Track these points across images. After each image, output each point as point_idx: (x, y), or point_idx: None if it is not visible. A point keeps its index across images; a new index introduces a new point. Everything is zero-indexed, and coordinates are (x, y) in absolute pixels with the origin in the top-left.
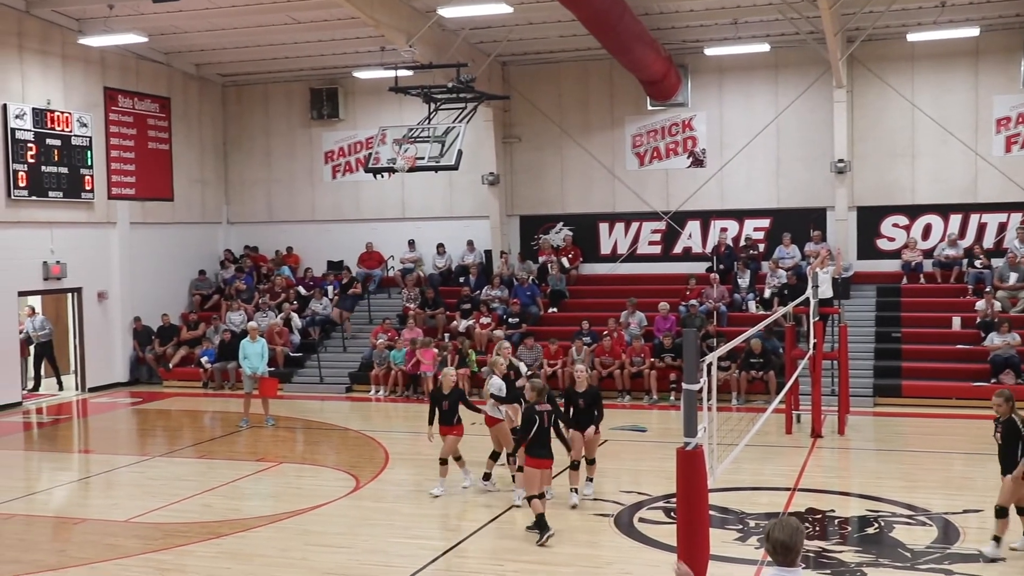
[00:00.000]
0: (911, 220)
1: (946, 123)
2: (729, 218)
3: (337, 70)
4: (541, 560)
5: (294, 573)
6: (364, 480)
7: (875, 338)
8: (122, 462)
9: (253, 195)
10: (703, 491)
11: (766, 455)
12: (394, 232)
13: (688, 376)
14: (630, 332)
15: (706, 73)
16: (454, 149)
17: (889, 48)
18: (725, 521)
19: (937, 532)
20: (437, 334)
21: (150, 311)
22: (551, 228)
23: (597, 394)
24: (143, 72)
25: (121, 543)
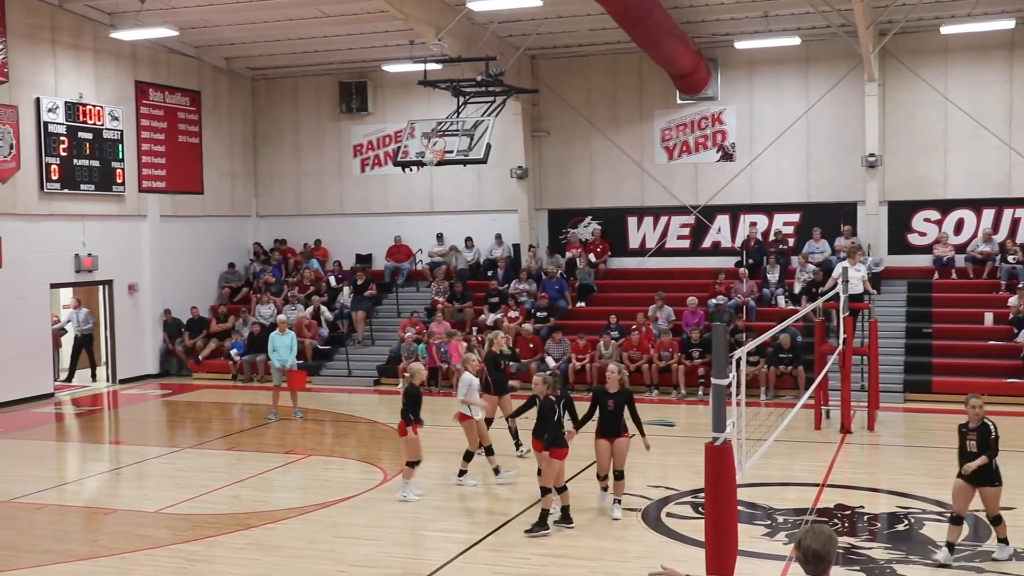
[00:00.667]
0: (943, 215)
1: (980, 117)
2: (758, 212)
3: (366, 64)
4: (568, 554)
5: (322, 565)
6: (392, 473)
7: (906, 334)
8: (152, 453)
9: (282, 188)
10: (731, 486)
11: (795, 451)
12: (422, 226)
13: (717, 371)
14: (658, 327)
15: (736, 67)
16: (483, 143)
17: (922, 41)
18: (753, 517)
19: (968, 529)
20: (465, 327)
21: (180, 304)
22: (579, 222)
23: (630, 396)
24: (174, 66)
25: (151, 533)
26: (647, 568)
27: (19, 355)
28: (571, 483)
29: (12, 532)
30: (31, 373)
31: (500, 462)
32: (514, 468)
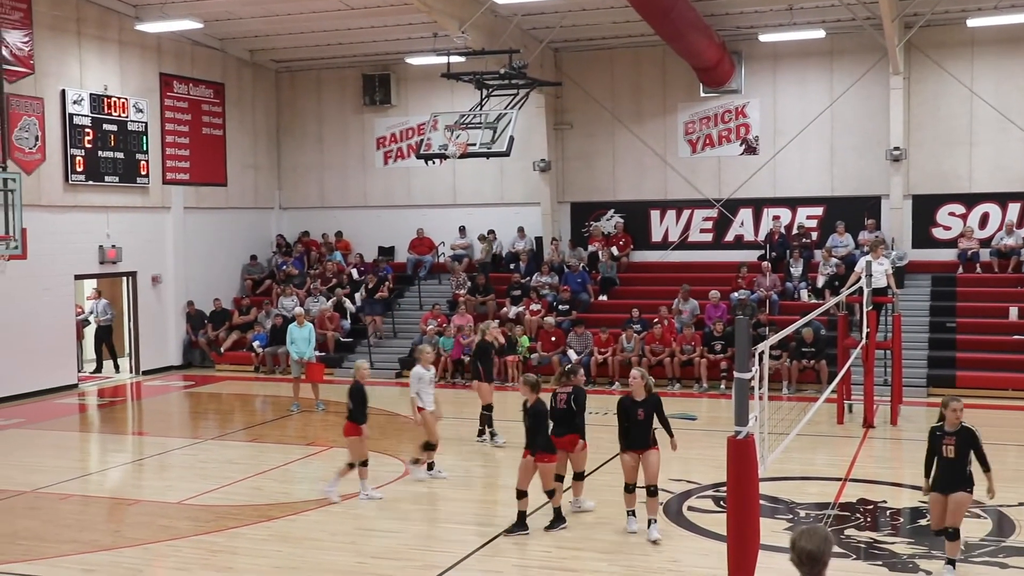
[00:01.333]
0: (968, 209)
1: (1006, 110)
2: (782, 206)
3: (389, 56)
4: (589, 547)
5: (343, 556)
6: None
7: (929, 328)
8: (175, 444)
9: (305, 181)
10: (753, 480)
11: (817, 444)
12: (445, 218)
13: (740, 364)
14: (682, 320)
15: (760, 59)
16: (506, 135)
17: (948, 34)
18: (775, 511)
19: (992, 525)
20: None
21: (203, 295)
22: (602, 215)
23: (658, 402)
24: (198, 58)
25: (174, 524)
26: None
27: (43, 346)
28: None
29: (37, 522)
30: (55, 364)
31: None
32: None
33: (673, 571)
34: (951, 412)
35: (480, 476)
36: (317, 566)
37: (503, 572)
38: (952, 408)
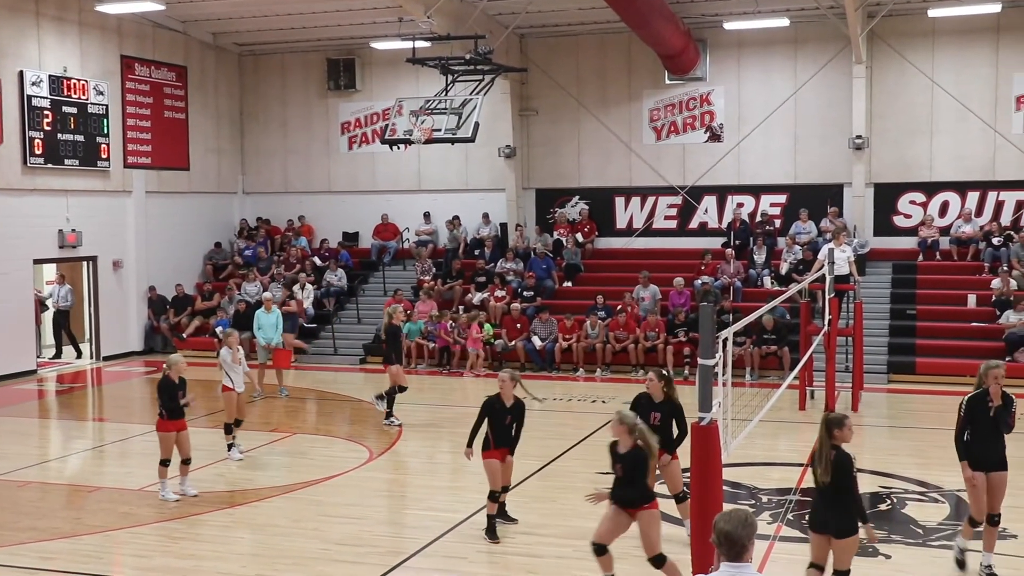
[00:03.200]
0: (928, 197)
1: (965, 100)
2: (746, 193)
3: (354, 40)
4: (554, 533)
5: (306, 543)
6: (377, 451)
7: (890, 315)
8: (136, 431)
9: (269, 165)
10: (717, 466)
11: (779, 431)
12: (409, 204)
13: (704, 351)
14: (644, 307)
15: (725, 47)
16: (471, 121)
17: (910, 24)
18: (737, 496)
19: (949, 509)
20: (452, 306)
21: (165, 281)
22: (567, 202)
23: (677, 408)
24: (160, 40)
25: (135, 511)
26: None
27: (1, 331)
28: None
29: None
30: (13, 349)
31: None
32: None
33: (637, 556)
34: (993, 380)
35: (445, 463)
36: (280, 553)
37: (468, 558)
38: (994, 375)
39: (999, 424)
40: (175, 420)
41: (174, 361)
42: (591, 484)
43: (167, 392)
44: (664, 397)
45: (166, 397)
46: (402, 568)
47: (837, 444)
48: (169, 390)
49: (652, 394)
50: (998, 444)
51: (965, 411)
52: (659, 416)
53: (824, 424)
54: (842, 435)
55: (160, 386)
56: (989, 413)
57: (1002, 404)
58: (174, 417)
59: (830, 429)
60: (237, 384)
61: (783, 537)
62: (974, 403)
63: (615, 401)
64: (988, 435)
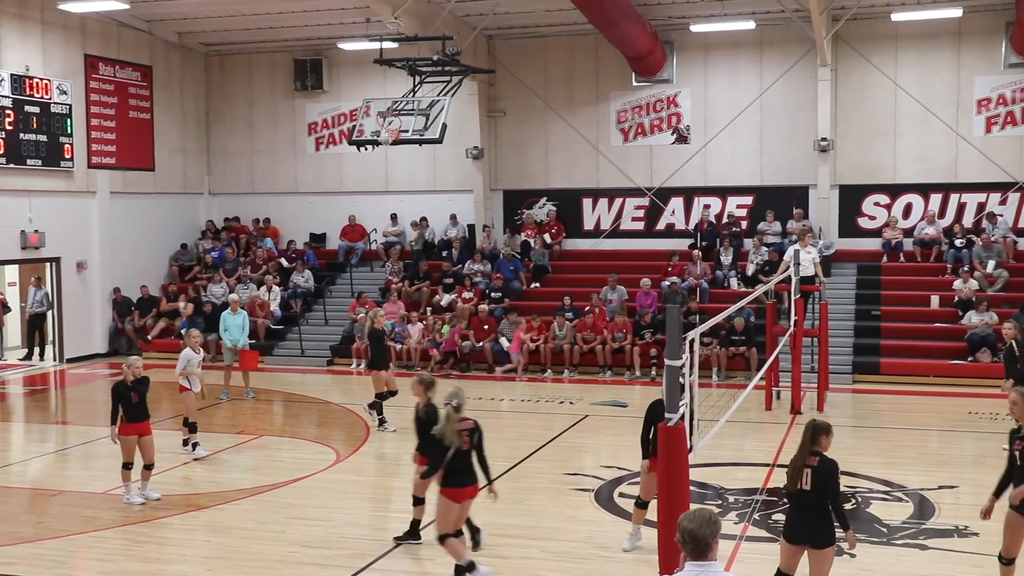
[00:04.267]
0: (892, 199)
1: (928, 103)
2: (712, 195)
3: (322, 41)
4: (520, 534)
5: (273, 546)
6: (344, 453)
7: (855, 316)
8: (100, 434)
9: (235, 166)
10: (684, 467)
11: (746, 431)
12: (377, 205)
13: (671, 352)
14: (612, 308)
15: (692, 49)
16: (438, 122)
17: (873, 27)
18: (704, 497)
19: (913, 508)
20: (420, 307)
21: (130, 282)
22: (534, 203)
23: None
24: (124, 40)
25: (98, 515)
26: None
27: None
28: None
29: None
30: None
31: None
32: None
33: (605, 557)
34: (1015, 403)
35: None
36: (247, 556)
37: (434, 559)
38: (1014, 399)
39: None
40: (136, 423)
41: (129, 363)
42: (559, 485)
43: (119, 395)
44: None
45: (118, 401)
46: (369, 570)
47: (820, 451)
48: (120, 394)
49: None
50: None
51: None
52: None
53: (810, 431)
54: (828, 442)
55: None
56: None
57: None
58: (135, 420)
59: (816, 436)
60: (194, 384)
61: (749, 537)
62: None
63: (582, 402)
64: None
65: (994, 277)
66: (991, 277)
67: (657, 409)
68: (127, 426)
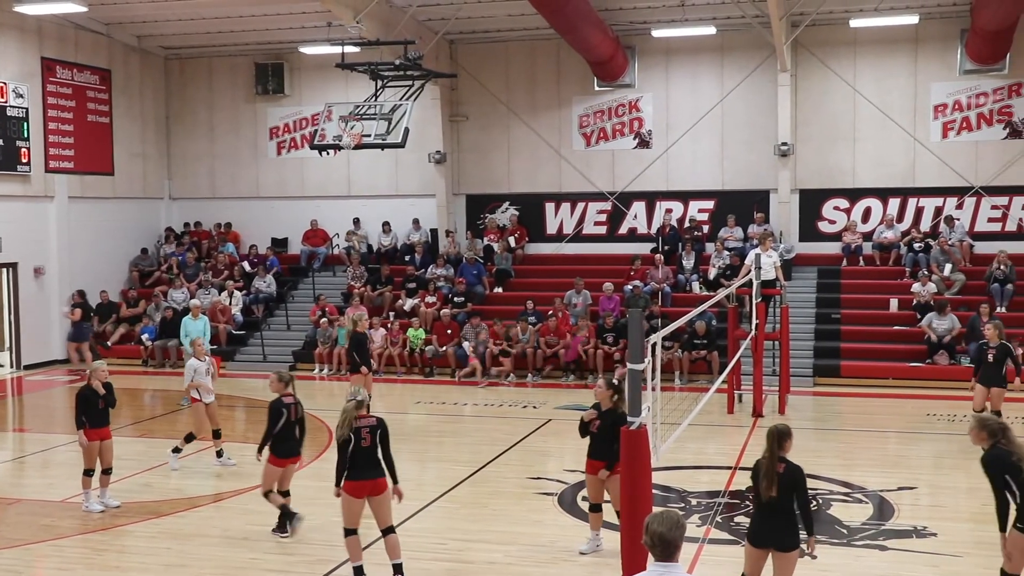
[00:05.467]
0: (852, 203)
1: (886, 108)
2: (674, 199)
3: (283, 45)
4: (484, 539)
5: (235, 552)
6: (307, 459)
7: (815, 319)
8: (58, 441)
9: (196, 170)
10: (646, 470)
11: (708, 434)
12: (339, 210)
13: (633, 356)
14: (575, 312)
15: (653, 54)
16: (401, 127)
17: (832, 33)
18: (667, 499)
19: (872, 509)
20: (383, 312)
21: (89, 288)
22: (497, 207)
23: (621, 419)
24: (82, 43)
25: (57, 524)
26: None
27: None
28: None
29: None
30: None
31: None
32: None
33: (568, 560)
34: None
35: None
36: (209, 563)
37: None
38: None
39: None
40: (99, 428)
41: (94, 368)
42: (522, 489)
43: (84, 401)
44: (611, 406)
45: (84, 406)
46: None
47: (784, 456)
48: (86, 399)
49: (600, 401)
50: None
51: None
52: (599, 424)
53: (775, 437)
54: (790, 445)
55: (78, 395)
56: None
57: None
58: (98, 425)
59: (781, 441)
60: (203, 395)
61: (712, 539)
62: None
63: (545, 406)
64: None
65: (951, 281)
66: (948, 281)
67: (596, 408)
68: (91, 432)
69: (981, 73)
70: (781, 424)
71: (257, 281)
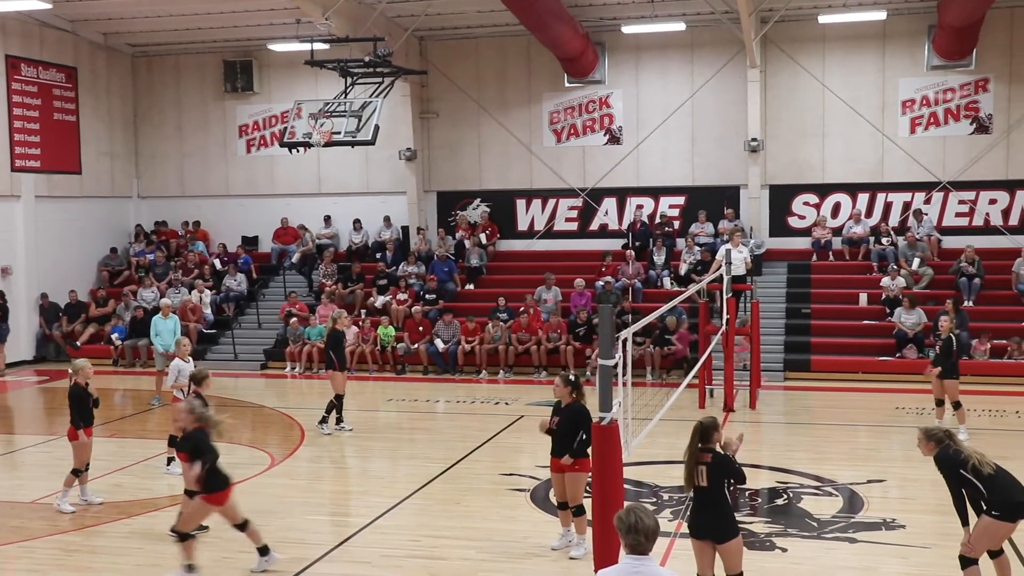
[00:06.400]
0: (821, 199)
1: (855, 104)
2: (645, 195)
3: (251, 42)
4: (458, 536)
5: (208, 552)
6: (279, 458)
7: (786, 314)
8: (28, 442)
9: (165, 169)
10: (618, 465)
11: (680, 429)
12: (310, 207)
13: (604, 352)
14: (546, 308)
15: (623, 51)
16: (371, 124)
17: (801, 29)
18: (639, 495)
19: (843, 502)
20: (355, 310)
21: (57, 287)
22: (468, 204)
23: (577, 412)
24: (47, 40)
25: (26, 525)
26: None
27: None
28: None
29: None
30: None
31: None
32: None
33: (540, 556)
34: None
35: (347, 468)
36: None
37: (371, 562)
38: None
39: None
40: (89, 427)
41: (80, 366)
42: (495, 486)
43: (78, 399)
44: (571, 401)
45: (79, 405)
46: (306, 574)
47: (713, 448)
48: (79, 397)
49: (559, 398)
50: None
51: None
52: (559, 420)
53: (698, 433)
54: (719, 436)
55: (71, 394)
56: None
57: None
58: (89, 424)
59: (707, 435)
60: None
61: (683, 534)
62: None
63: (518, 403)
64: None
65: (920, 275)
66: (917, 275)
67: (587, 412)
68: (85, 430)
69: (948, 69)
70: (707, 418)
71: (228, 279)
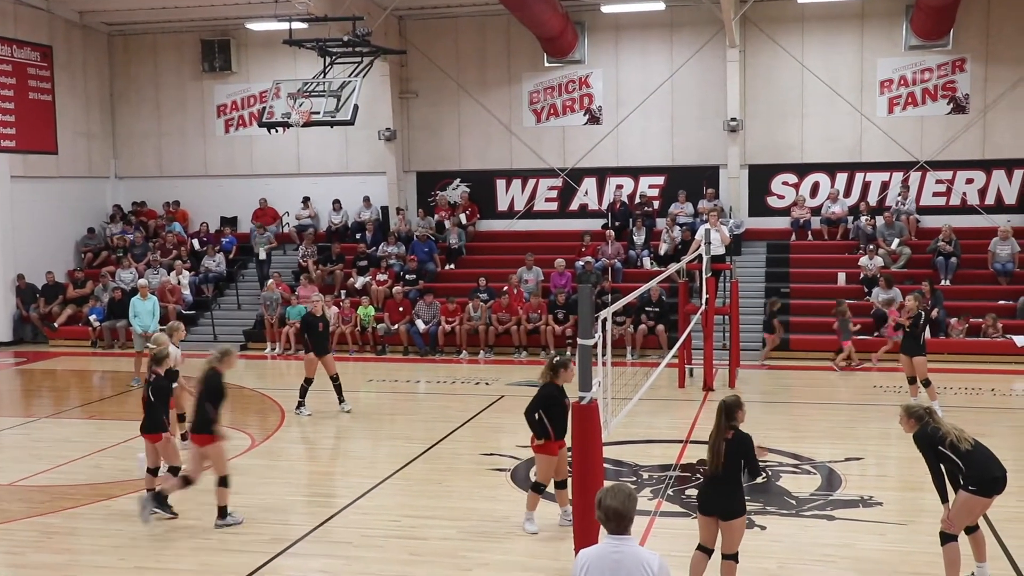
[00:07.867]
0: (800, 178)
1: (834, 84)
2: (625, 175)
3: (229, 21)
4: (438, 515)
5: (188, 534)
6: (259, 439)
7: (765, 294)
8: (5, 424)
9: (142, 149)
10: (597, 444)
11: (659, 408)
12: (289, 188)
13: (583, 331)
14: (527, 288)
15: (603, 30)
16: (350, 104)
17: (780, 9)
18: (619, 474)
19: (821, 480)
20: (334, 291)
21: (34, 269)
22: (448, 184)
23: (539, 392)
24: (22, 18)
25: (5, 507)
26: (515, 526)
27: None
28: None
29: None
30: None
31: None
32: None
33: (521, 536)
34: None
35: (327, 448)
36: (161, 544)
37: (352, 543)
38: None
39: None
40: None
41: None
42: (476, 466)
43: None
44: (546, 380)
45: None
46: (287, 555)
47: (735, 426)
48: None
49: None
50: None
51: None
52: None
53: (723, 411)
54: (743, 415)
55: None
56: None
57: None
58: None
59: (732, 413)
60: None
61: (664, 512)
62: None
63: (498, 383)
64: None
65: (897, 254)
66: (895, 254)
67: (545, 393)
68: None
69: (926, 49)
70: (730, 396)
71: (207, 260)
